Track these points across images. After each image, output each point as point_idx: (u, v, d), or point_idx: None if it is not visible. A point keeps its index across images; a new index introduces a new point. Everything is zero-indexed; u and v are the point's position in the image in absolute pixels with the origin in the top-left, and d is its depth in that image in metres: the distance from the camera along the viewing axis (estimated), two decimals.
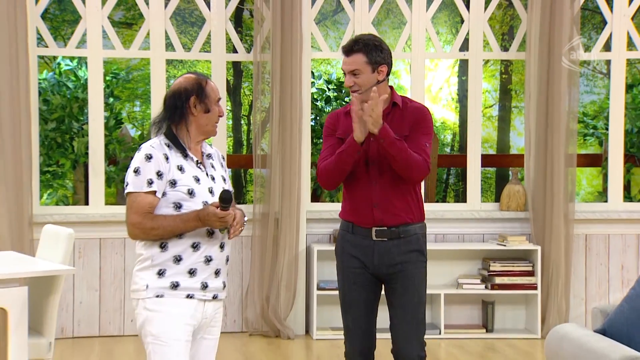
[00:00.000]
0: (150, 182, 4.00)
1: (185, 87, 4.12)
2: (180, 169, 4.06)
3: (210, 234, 4.05)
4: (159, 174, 4.01)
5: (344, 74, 4.60)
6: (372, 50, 4.52)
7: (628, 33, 8.52)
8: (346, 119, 4.65)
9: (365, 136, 4.44)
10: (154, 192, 4.00)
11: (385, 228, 4.55)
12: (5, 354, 5.17)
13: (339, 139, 4.66)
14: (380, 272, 4.59)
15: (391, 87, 4.71)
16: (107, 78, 11.68)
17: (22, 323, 5.21)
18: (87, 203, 8.73)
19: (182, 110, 4.10)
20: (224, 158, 4.38)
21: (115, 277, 8.10)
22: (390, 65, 4.63)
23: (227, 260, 4.18)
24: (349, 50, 4.55)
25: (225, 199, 3.92)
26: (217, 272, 4.10)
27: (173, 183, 4.03)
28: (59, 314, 5.83)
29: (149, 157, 4.02)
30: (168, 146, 4.09)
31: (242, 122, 14.02)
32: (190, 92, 4.10)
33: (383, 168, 4.54)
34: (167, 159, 4.04)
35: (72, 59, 11.37)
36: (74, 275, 8.04)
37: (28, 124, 7.85)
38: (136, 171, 4.02)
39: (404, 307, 4.55)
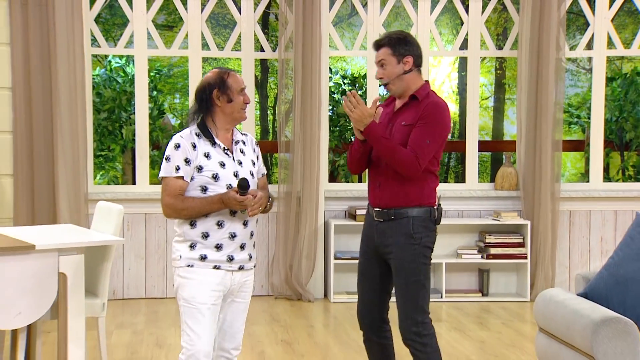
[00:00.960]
0: (177, 168, 4.02)
1: (209, 82, 4.12)
2: (207, 155, 4.06)
3: (233, 213, 4.04)
4: (187, 161, 4.02)
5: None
6: (396, 43, 4.41)
7: (608, 33, 8.49)
8: (384, 110, 4.51)
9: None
10: (182, 177, 4.02)
11: (383, 209, 4.42)
12: (65, 313, 5.23)
13: None
14: (380, 252, 4.49)
15: (427, 82, 4.54)
16: (151, 74, 11.71)
17: (79, 286, 5.26)
18: (134, 183, 8.77)
19: (208, 102, 4.11)
20: (257, 144, 4.35)
21: (158, 248, 8.16)
22: (418, 57, 4.46)
23: (252, 235, 4.15)
24: (377, 45, 4.48)
25: (242, 186, 3.92)
26: (242, 246, 4.09)
27: (199, 169, 4.04)
28: (110, 278, 5.85)
29: (177, 146, 4.05)
30: (198, 135, 4.09)
31: (268, 112, 14.01)
32: (213, 85, 4.10)
33: None
34: (194, 147, 4.05)
35: (121, 57, 11.40)
36: (123, 245, 8.12)
37: (83, 114, 7.90)
38: (167, 158, 4.06)
39: (397, 288, 4.45)
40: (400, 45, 4.42)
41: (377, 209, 4.44)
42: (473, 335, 6.93)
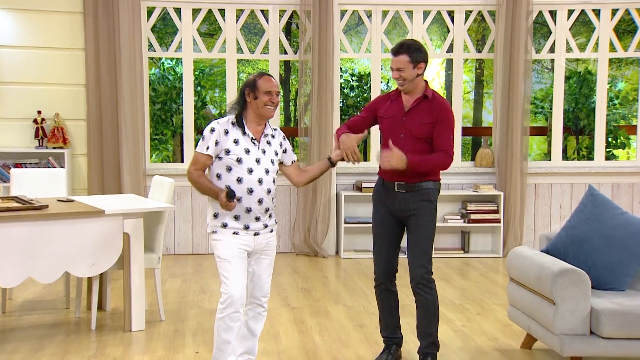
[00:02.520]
0: (207, 148, 4.04)
1: (245, 83, 4.13)
2: (236, 142, 4.05)
3: (251, 191, 4.04)
4: (217, 143, 4.03)
5: (392, 69, 4.45)
6: (413, 52, 4.36)
7: (567, 40, 8.45)
8: (390, 104, 4.53)
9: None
10: (209, 156, 4.04)
11: (407, 183, 4.43)
12: (128, 265, 5.29)
13: (369, 116, 4.60)
14: (399, 215, 4.51)
15: (425, 81, 4.54)
16: (196, 73, 11.75)
17: (140, 243, 5.32)
18: (182, 161, 8.81)
19: (242, 99, 4.12)
20: (284, 138, 4.31)
21: (201, 213, 8.19)
22: (427, 62, 4.45)
23: (267, 210, 4.12)
24: (396, 52, 4.39)
25: (229, 195, 3.92)
26: (257, 218, 4.08)
27: (227, 151, 4.03)
28: (164, 237, 5.91)
29: (212, 130, 4.06)
30: (233, 124, 4.09)
31: (290, 104, 14.01)
32: (246, 85, 4.11)
33: (410, 141, 4.41)
34: (226, 133, 4.05)
35: (171, 59, 11.45)
36: (174, 211, 8.16)
37: (142, 106, 7.92)
38: (203, 138, 4.08)
39: (414, 241, 4.47)
40: (416, 53, 4.38)
41: (401, 183, 4.44)
42: (456, 284, 6.95)
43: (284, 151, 4.30)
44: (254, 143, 4.10)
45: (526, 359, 4.79)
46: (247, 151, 4.07)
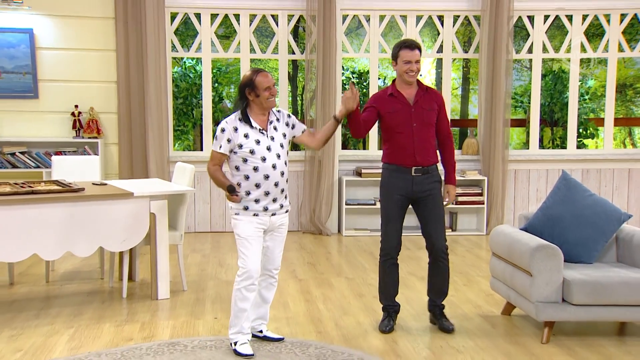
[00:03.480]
0: (220, 147, 4.04)
1: (243, 83, 4.07)
2: (246, 136, 4.03)
3: (267, 177, 4.03)
4: (229, 140, 4.03)
5: (407, 62, 4.42)
6: (421, 50, 4.49)
7: (543, 42, 8.40)
8: (391, 99, 4.52)
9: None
10: (223, 153, 4.05)
11: (421, 167, 4.48)
12: (155, 241, 5.30)
13: (373, 114, 4.55)
14: (415, 196, 4.52)
15: None
16: (214, 71, 11.71)
17: (164, 222, 5.32)
18: (201, 149, 8.78)
19: (243, 97, 4.08)
20: (289, 116, 4.25)
21: (219, 196, 8.18)
22: None
23: (282, 191, 4.11)
24: (415, 47, 4.42)
25: (229, 189, 4.01)
26: (274, 200, 4.08)
27: (240, 146, 4.02)
28: (185, 217, 5.90)
29: (222, 130, 4.05)
30: (240, 120, 4.06)
31: (298, 98, 13.94)
32: (245, 85, 4.06)
33: (423, 129, 4.47)
34: (235, 130, 4.03)
35: (192, 59, 11.41)
36: (194, 194, 8.16)
37: (166, 100, 7.90)
38: (215, 137, 4.08)
39: (435, 217, 4.53)
40: (422, 51, 4.52)
41: (417, 167, 4.50)
42: None
43: (292, 127, 4.24)
44: (262, 133, 4.08)
45: (506, 324, 4.79)
46: (258, 142, 4.05)
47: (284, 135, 4.19)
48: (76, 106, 7.82)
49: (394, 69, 4.54)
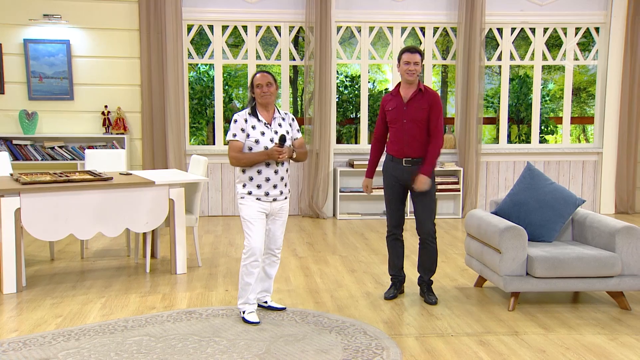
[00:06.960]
0: (234, 135, 4.01)
1: (250, 83, 4.10)
2: (253, 127, 4.01)
3: (267, 165, 4.01)
4: (242, 129, 4.01)
5: (406, 63, 4.35)
6: (421, 55, 4.39)
7: (511, 51, 8.37)
8: (392, 99, 4.49)
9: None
10: (238, 140, 4.01)
11: (412, 159, 4.43)
12: (173, 223, 5.28)
13: (383, 116, 4.55)
14: (406, 184, 4.49)
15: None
16: (224, 75, 11.66)
17: (181, 207, 5.30)
18: (214, 143, 8.74)
19: (251, 95, 4.10)
20: (293, 119, 4.24)
21: (229, 184, 8.16)
22: None
23: (282, 179, 4.07)
24: (415, 51, 4.36)
25: (281, 139, 3.94)
26: (274, 186, 4.05)
27: (248, 136, 4.00)
28: (200, 203, 5.88)
29: (235, 121, 4.03)
30: (250, 114, 4.05)
31: (298, 99, 13.89)
32: (250, 85, 4.09)
33: (412, 125, 4.40)
34: (246, 121, 4.02)
35: (206, 65, 11.33)
36: (208, 183, 8.12)
37: (183, 101, 7.85)
38: (229, 129, 4.05)
39: (423, 203, 4.46)
40: (422, 56, 4.43)
41: (408, 159, 4.43)
42: None
43: (292, 129, 4.24)
44: (267, 126, 4.06)
45: (478, 295, 4.79)
46: (262, 133, 4.03)
47: (287, 132, 4.17)
48: (105, 106, 7.79)
49: (398, 70, 4.52)
